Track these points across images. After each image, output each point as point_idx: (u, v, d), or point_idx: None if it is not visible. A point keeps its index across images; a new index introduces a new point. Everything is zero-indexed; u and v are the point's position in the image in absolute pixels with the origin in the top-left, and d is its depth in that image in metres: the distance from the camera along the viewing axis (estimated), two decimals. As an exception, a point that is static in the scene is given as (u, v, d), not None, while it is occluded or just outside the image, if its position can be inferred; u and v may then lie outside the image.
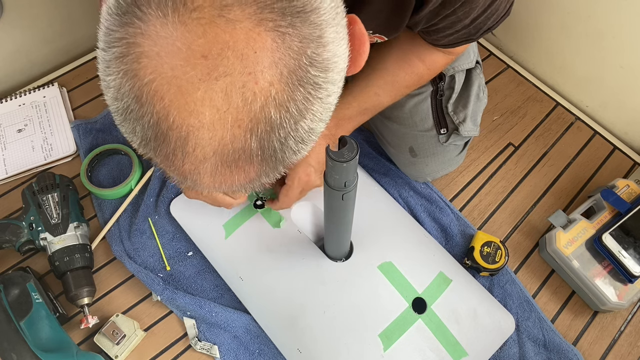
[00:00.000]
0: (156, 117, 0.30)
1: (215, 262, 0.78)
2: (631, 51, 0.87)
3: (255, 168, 0.33)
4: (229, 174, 0.33)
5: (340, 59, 0.33)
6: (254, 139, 0.31)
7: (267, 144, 0.31)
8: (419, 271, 0.75)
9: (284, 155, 0.33)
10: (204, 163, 0.32)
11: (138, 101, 0.30)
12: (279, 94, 0.30)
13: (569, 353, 0.73)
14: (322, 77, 0.31)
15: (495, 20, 0.59)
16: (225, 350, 0.73)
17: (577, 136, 0.96)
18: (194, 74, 0.28)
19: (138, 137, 0.32)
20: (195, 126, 0.30)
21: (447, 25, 0.57)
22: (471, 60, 0.78)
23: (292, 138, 0.32)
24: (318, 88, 0.31)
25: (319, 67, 0.31)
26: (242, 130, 0.30)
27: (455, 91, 0.78)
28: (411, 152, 0.82)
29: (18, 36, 0.95)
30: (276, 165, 0.34)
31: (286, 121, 0.31)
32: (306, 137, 0.34)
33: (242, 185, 0.35)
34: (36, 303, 0.67)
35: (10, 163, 0.88)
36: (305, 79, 0.30)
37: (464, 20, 0.55)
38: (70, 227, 0.75)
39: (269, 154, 0.32)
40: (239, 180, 0.34)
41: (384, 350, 0.69)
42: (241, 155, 0.31)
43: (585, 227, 0.79)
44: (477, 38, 0.62)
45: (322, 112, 0.33)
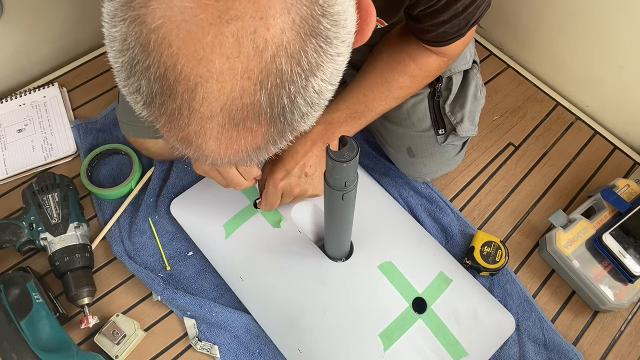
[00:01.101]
0: (163, 68, 0.29)
1: (216, 262, 0.78)
2: (631, 51, 0.87)
3: (263, 130, 0.32)
4: (235, 137, 0.31)
5: (350, 19, 0.32)
6: (263, 93, 0.29)
7: (276, 100, 0.30)
8: (419, 271, 0.75)
9: (293, 117, 0.32)
10: (211, 121, 0.30)
11: (145, 50, 0.29)
12: (290, 43, 0.29)
13: (569, 353, 0.73)
14: (333, 31, 0.30)
15: (482, 11, 0.60)
16: (225, 350, 0.73)
17: (577, 136, 0.96)
18: (204, 17, 0.27)
19: (143, 94, 0.31)
20: (204, 76, 0.28)
21: (442, 8, 0.56)
22: (467, 61, 0.78)
23: (301, 96, 0.31)
24: (329, 43, 0.30)
25: (331, 19, 0.30)
26: (251, 82, 0.29)
27: (453, 92, 0.77)
28: (409, 153, 0.82)
29: (18, 36, 0.95)
30: (284, 130, 0.33)
31: (297, 75, 0.30)
32: (315, 99, 0.32)
33: (249, 152, 0.33)
34: (36, 303, 0.67)
35: (11, 163, 0.88)
36: (317, 30, 0.29)
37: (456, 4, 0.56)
38: (71, 227, 0.75)
39: (277, 113, 0.31)
40: (245, 145, 0.32)
41: (384, 350, 0.69)
42: (250, 112, 0.30)
43: (586, 227, 0.79)
44: (465, 32, 0.62)
45: (332, 74, 0.32)
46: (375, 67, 0.70)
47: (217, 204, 0.81)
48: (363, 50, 0.81)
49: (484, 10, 0.60)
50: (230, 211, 0.80)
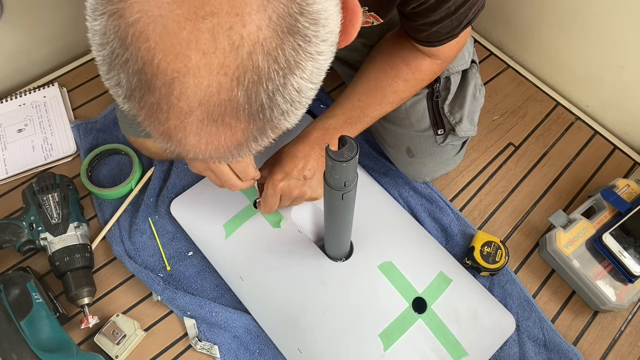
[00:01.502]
0: (141, 62, 0.29)
1: (216, 262, 0.78)
2: (631, 51, 0.87)
3: (242, 126, 0.32)
4: (214, 132, 0.32)
5: (332, 19, 0.32)
6: (240, 89, 0.30)
7: (254, 97, 0.30)
8: (419, 271, 0.75)
9: (272, 115, 0.32)
10: (189, 116, 0.30)
11: (123, 44, 0.29)
12: (267, 40, 0.29)
13: (569, 353, 0.73)
14: (312, 30, 0.30)
15: (474, 12, 0.60)
16: (225, 350, 0.73)
17: (577, 136, 0.96)
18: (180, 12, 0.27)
19: (123, 88, 0.31)
20: (180, 71, 0.29)
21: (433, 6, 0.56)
22: (466, 61, 0.78)
23: (280, 94, 0.31)
24: (308, 41, 0.31)
25: (309, 18, 0.30)
26: (228, 78, 0.29)
27: (451, 92, 0.77)
28: (408, 153, 0.82)
29: (18, 36, 0.95)
30: (265, 127, 0.33)
31: (274, 72, 0.30)
32: (296, 97, 0.32)
33: (230, 149, 0.33)
34: (36, 303, 0.67)
35: (11, 163, 0.88)
36: (295, 28, 0.30)
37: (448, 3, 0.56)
38: (71, 227, 0.75)
39: (256, 109, 0.31)
40: (225, 141, 0.32)
41: (384, 350, 0.69)
42: (227, 107, 0.30)
43: (586, 227, 0.79)
44: (458, 33, 0.62)
45: (312, 72, 0.32)
46: (370, 72, 0.71)
47: (217, 204, 0.81)
48: (362, 51, 0.82)
49: (477, 11, 0.60)
50: (230, 211, 0.80)
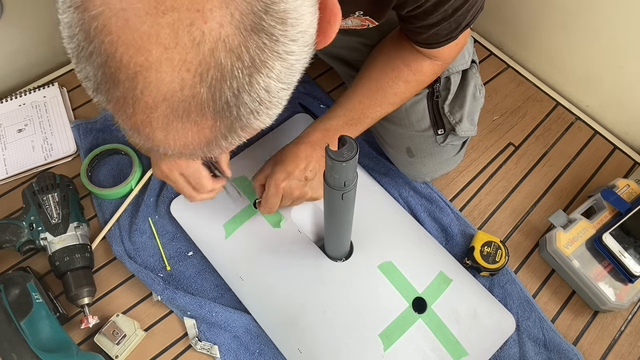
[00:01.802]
0: (105, 55, 0.29)
1: (216, 262, 0.78)
2: (631, 51, 0.87)
3: (209, 123, 0.32)
4: (181, 128, 0.32)
5: (304, 19, 0.32)
6: (204, 85, 0.30)
7: (218, 94, 0.30)
8: (419, 271, 0.75)
9: (240, 113, 0.32)
10: (154, 111, 0.31)
11: (87, 37, 0.29)
12: (229, 37, 0.29)
13: (569, 353, 0.73)
14: (279, 29, 0.30)
15: (473, 15, 0.59)
16: (225, 350, 0.73)
17: (577, 136, 0.96)
18: (140, 6, 0.27)
19: (91, 81, 0.31)
20: (143, 65, 0.29)
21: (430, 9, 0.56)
22: (466, 61, 0.77)
23: (247, 93, 0.31)
24: (275, 41, 0.30)
25: (276, 17, 0.30)
26: (190, 74, 0.29)
27: (451, 92, 0.77)
28: (408, 153, 0.82)
29: (18, 36, 0.95)
30: (233, 125, 0.33)
31: (238, 71, 0.30)
32: (264, 96, 0.32)
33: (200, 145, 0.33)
34: (36, 303, 0.67)
35: (11, 163, 0.88)
36: (259, 26, 0.29)
37: (444, 5, 0.56)
38: (71, 227, 0.75)
39: (221, 107, 0.31)
40: (193, 138, 0.32)
41: (384, 350, 0.69)
42: (191, 104, 0.30)
43: (586, 227, 0.79)
44: (456, 35, 0.62)
45: (282, 72, 0.32)
46: (370, 73, 0.71)
47: (217, 204, 0.81)
48: (362, 50, 0.82)
49: (475, 13, 0.60)
50: (230, 211, 0.80)
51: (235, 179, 0.84)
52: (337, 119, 0.71)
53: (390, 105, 0.72)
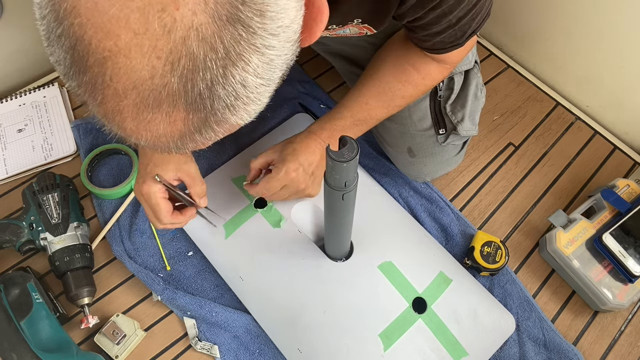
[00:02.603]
0: (74, 38, 0.28)
1: (215, 262, 0.78)
2: (631, 51, 0.87)
3: (181, 115, 0.31)
4: (152, 119, 0.31)
5: (286, 13, 0.31)
6: (175, 75, 0.28)
7: (190, 85, 0.29)
8: (419, 271, 0.75)
9: (215, 106, 0.31)
10: (124, 99, 0.30)
11: (57, 18, 0.28)
12: (203, 26, 0.28)
13: (569, 353, 0.73)
14: (257, 21, 0.29)
15: (478, 22, 0.59)
16: (225, 350, 0.73)
17: (578, 136, 0.96)
18: None
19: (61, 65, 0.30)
20: (112, 50, 0.28)
21: (433, 20, 0.56)
22: (469, 61, 0.77)
23: (221, 86, 0.30)
24: (252, 33, 0.29)
25: (254, 8, 0.29)
26: (161, 62, 0.28)
27: (454, 92, 0.77)
28: (409, 153, 0.82)
29: (18, 36, 0.95)
30: (207, 119, 0.32)
31: (212, 62, 0.29)
32: (241, 91, 0.31)
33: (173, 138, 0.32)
34: (36, 303, 0.67)
35: (11, 163, 0.88)
36: (235, 16, 0.28)
37: (449, 15, 0.55)
38: (71, 227, 0.75)
39: (194, 99, 0.30)
40: (165, 130, 0.31)
41: (384, 350, 0.69)
42: (162, 94, 0.29)
43: (586, 227, 0.79)
44: (462, 42, 0.62)
45: (260, 67, 0.31)
46: (379, 75, 0.71)
47: (217, 204, 0.81)
48: (365, 48, 0.81)
49: (481, 20, 0.59)
50: (230, 211, 0.80)
51: (235, 179, 0.84)
52: (344, 119, 0.71)
53: (396, 107, 0.72)
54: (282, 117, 0.94)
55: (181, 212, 0.67)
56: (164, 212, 0.65)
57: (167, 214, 0.65)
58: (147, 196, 0.64)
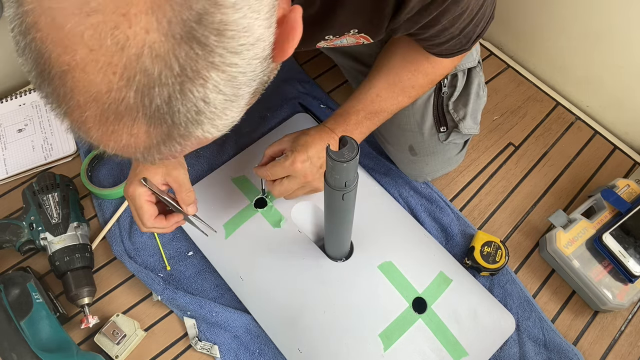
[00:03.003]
0: (36, 51, 0.29)
1: (216, 262, 0.78)
2: (631, 51, 0.87)
3: (143, 129, 0.31)
4: (115, 131, 0.31)
5: (250, 32, 0.31)
6: (131, 89, 0.29)
7: (148, 100, 0.30)
8: (419, 271, 0.75)
9: (176, 121, 0.31)
10: (86, 110, 0.30)
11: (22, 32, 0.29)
12: (156, 44, 0.28)
13: (569, 353, 0.73)
14: (214, 39, 0.30)
15: (483, 27, 0.59)
16: (225, 350, 0.73)
17: (578, 136, 0.96)
18: (67, 5, 0.27)
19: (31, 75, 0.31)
20: (70, 64, 0.29)
21: (434, 34, 0.57)
22: (474, 59, 0.77)
23: (179, 101, 0.31)
24: (209, 51, 0.30)
25: (210, 27, 0.29)
26: (117, 77, 0.29)
27: (457, 89, 0.77)
28: (411, 151, 0.82)
29: (18, 36, 0.95)
30: (170, 132, 0.32)
31: (167, 78, 0.29)
32: (203, 107, 0.32)
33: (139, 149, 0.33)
34: (36, 303, 0.67)
35: (11, 163, 0.88)
36: (190, 35, 0.29)
37: (450, 29, 0.56)
38: (71, 227, 0.75)
39: (152, 113, 0.30)
40: (128, 142, 0.32)
41: (384, 350, 0.69)
42: (120, 107, 0.30)
43: (586, 227, 0.79)
44: (469, 47, 0.62)
45: (221, 84, 0.31)
46: (389, 66, 0.70)
47: (217, 204, 0.81)
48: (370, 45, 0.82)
49: (485, 24, 0.59)
50: (230, 211, 0.80)
51: (235, 179, 0.84)
52: (357, 113, 0.71)
53: (408, 99, 0.72)
54: (282, 117, 0.94)
55: (166, 218, 0.67)
56: (146, 215, 0.65)
57: (150, 217, 0.65)
58: (132, 198, 0.64)
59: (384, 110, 0.71)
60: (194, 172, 0.87)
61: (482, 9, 0.56)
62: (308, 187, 0.72)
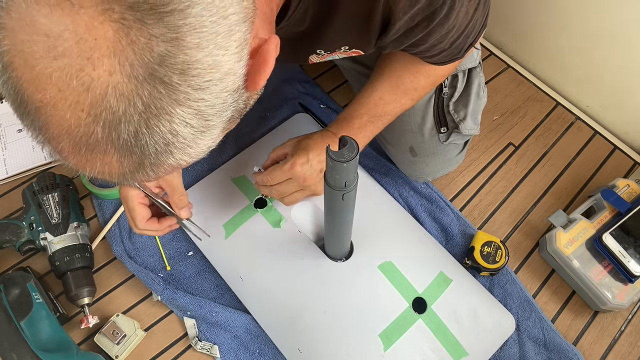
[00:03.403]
0: (12, 87, 0.31)
1: (216, 262, 0.78)
2: (631, 51, 0.87)
3: (114, 159, 0.33)
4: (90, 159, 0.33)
5: (217, 68, 0.33)
6: (98, 125, 0.31)
7: (115, 134, 0.32)
8: (419, 271, 0.75)
9: (145, 152, 0.33)
10: (60, 142, 0.32)
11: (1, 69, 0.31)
12: (119, 84, 0.30)
13: (569, 353, 0.73)
14: (177, 79, 0.31)
15: (474, 36, 0.60)
16: (225, 350, 0.73)
17: (578, 136, 0.96)
18: (36, 49, 0.29)
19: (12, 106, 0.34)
20: (42, 102, 0.31)
21: (423, 50, 0.57)
22: (474, 60, 0.78)
23: (146, 135, 0.32)
24: (173, 90, 0.31)
25: (173, 68, 0.31)
26: (84, 114, 0.31)
27: (458, 90, 0.78)
28: (411, 152, 0.82)
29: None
30: (142, 162, 0.34)
31: (132, 116, 0.31)
32: (171, 139, 0.33)
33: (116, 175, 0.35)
34: (36, 303, 0.67)
35: (11, 163, 0.88)
36: (152, 76, 0.30)
37: (439, 45, 0.56)
38: (71, 227, 0.75)
39: (121, 146, 0.32)
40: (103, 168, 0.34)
41: (384, 350, 0.69)
42: (89, 140, 0.32)
43: (586, 227, 0.79)
44: (461, 56, 0.62)
45: (188, 117, 0.33)
46: (391, 69, 0.70)
47: (217, 204, 0.81)
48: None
49: (478, 33, 0.60)
50: (230, 211, 0.80)
51: (235, 179, 0.84)
52: (360, 117, 0.71)
53: (410, 101, 0.72)
54: (282, 117, 0.94)
55: (159, 221, 0.67)
56: (138, 217, 0.65)
57: (142, 220, 0.66)
58: (125, 199, 0.65)
59: (387, 113, 0.71)
60: (194, 172, 0.87)
61: (472, 22, 0.56)
62: (308, 191, 0.72)
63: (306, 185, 0.70)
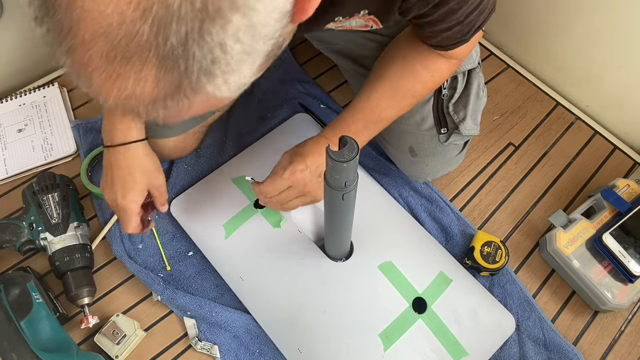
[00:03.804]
0: None
1: (216, 262, 0.78)
2: (631, 51, 0.87)
3: (152, 73, 0.29)
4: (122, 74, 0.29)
5: None
6: (146, 23, 0.27)
7: (162, 37, 0.27)
8: (419, 271, 0.75)
9: (189, 67, 0.29)
10: (92, 46, 0.28)
11: None
12: None
13: (569, 353, 0.73)
14: None
15: (485, 17, 0.59)
16: (225, 350, 0.73)
17: (578, 136, 0.96)
18: None
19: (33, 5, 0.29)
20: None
21: (441, 17, 0.56)
22: (474, 61, 0.78)
23: (196, 43, 0.28)
24: None
25: None
26: (131, 7, 0.26)
27: (458, 91, 0.78)
28: (411, 152, 0.82)
29: (18, 36, 0.95)
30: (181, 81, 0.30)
31: (187, 13, 0.27)
32: (218, 54, 0.29)
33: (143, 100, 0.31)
34: (36, 303, 0.67)
35: (11, 163, 0.88)
36: None
37: (457, 12, 0.55)
38: (71, 227, 0.75)
39: (165, 54, 0.28)
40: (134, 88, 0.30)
41: (384, 350, 0.69)
42: (131, 43, 0.27)
43: (586, 227, 0.79)
44: (468, 38, 0.62)
45: (241, 30, 0.29)
46: (388, 75, 0.70)
47: (217, 204, 0.81)
48: (367, 46, 0.81)
49: (487, 15, 0.59)
50: (230, 211, 0.80)
51: (235, 179, 0.84)
52: (356, 123, 0.70)
53: (407, 107, 0.72)
54: (282, 117, 0.93)
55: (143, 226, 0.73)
56: (132, 226, 0.70)
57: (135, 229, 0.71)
58: (125, 211, 0.69)
59: (383, 119, 0.71)
60: (194, 172, 0.87)
61: None
62: (308, 197, 0.71)
63: (307, 191, 0.69)
